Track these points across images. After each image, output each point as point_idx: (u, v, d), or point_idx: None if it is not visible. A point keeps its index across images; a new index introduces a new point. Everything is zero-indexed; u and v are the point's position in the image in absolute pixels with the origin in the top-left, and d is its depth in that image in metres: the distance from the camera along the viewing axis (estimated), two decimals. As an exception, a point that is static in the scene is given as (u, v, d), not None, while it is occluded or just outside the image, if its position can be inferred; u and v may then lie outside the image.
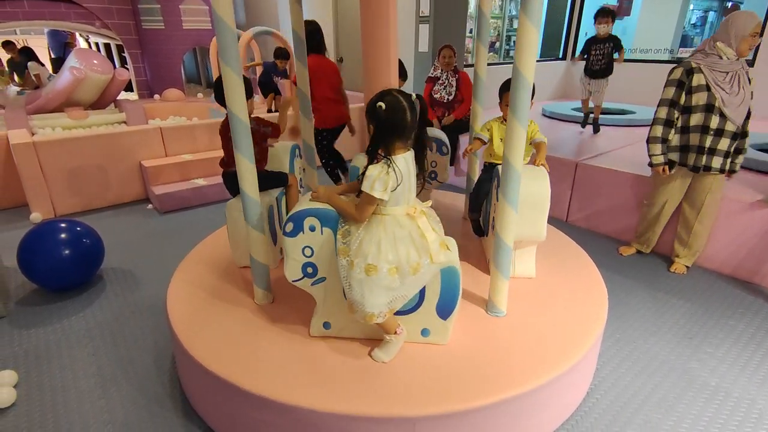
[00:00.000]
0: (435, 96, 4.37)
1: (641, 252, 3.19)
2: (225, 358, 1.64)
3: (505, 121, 2.10)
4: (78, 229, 2.72)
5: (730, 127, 2.59)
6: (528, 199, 1.90)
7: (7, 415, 1.86)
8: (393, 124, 1.44)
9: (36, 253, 2.57)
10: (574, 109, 5.67)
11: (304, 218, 1.60)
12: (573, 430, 1.77)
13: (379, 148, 1.48)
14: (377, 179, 1.42)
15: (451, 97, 4.31)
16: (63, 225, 2.70)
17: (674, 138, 2.75)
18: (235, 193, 2.16)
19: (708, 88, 2.56)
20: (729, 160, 2.68)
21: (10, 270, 2.94)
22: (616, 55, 4.45)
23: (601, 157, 3.71)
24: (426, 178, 1.69)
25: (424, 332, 1.71)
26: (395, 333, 1.62)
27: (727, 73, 2.54)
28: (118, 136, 4.14)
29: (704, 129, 2.63)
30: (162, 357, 2.18)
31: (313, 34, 3.39)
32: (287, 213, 2.11)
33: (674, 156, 2.78)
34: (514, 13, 7.55)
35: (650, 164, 2.81)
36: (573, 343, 1.72)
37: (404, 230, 1.50)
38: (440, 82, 4.34)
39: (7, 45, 6.77)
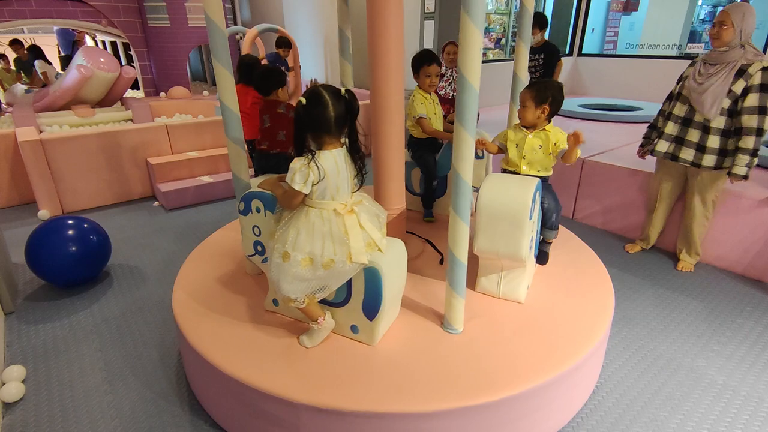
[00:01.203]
0: (440, 93, 4.35)
1: (645, 249, 3.17)
2: (229, 353, 1.65)
3: (522, 127, 2.04)
4: (85, 225, 2.74)
5: (698, 117, 2.59)
6: (502, 212, 1.75)
7: (16, 409, 1.89)
8: (312, 119, 1.45)
9: (44, 249, 2.59)
10: (581, 106, 5.63)
11: (251, 199, 1.77)
12: (578, 428, 1.76)
13: (303, 142, 1.49)
14: (297, 172, 1.45)
15: (455, 94, 4.29)
16: (70, 222, 2.72)
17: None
18: (261, 171, 2.47)
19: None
20: (712, 157, 2.58)
21: (18, 266, 2.97)
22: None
23: (607, 154, 3.68)
24: (363, 175, 1.62)
25: (353, 329, 1.71)
26: (316, 321, 1.65)
27: (716, 64, 2.53)
28: (124, 133, 4.17)
29: (669, 115, 2.74)
30: (168, 352, 2.19)
31: (248, 67, 3.42)
32: None
33: (662, 146, 2.82)
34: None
35: None
36: (579, 341, 1.71)
37: (326, 225, 1.51)
38: (445, 78, 4.32)
39: (15, 43, 6.81)
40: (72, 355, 2.20)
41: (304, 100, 1.44)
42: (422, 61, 2.47)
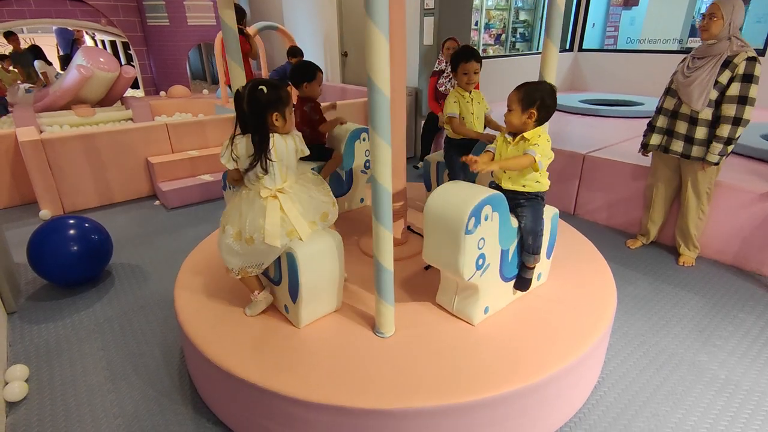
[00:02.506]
0: (440, 89, 4.35)
1: (646, 244, 3.17)
2: (231, 351, 1.65)
3: (508, 135, 1.81)
4: (86, 225, 2.75)
5: (685, 109, 2.64)
6: (442, 222, 1.63)
7: (19, 408, 1.89)
8: (235, 110, 1.65)
9: (45, 249, 2.60)
10: (581, 101, 5.62)
11: (225, 177, 2.00)
12: (580, 424, 1.76)
13: (237, 128, 1.69)
14: (224, 149, 1.68)
15: (456, 90, 4.28)
16: (72, 221, 2.72)
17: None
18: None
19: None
20: (701, 148, 2.62)
21: (20, 266, 2.97)
22: None
23: (608, 149, 3.68)
24: (262, 164, 1.65)
25: (286, 308, 1.82)
26: (253, 294, 1.82)
27: (704, 57, 2.56)
28: (124, 132, 4.17)
29: (660, 109, 2.79)
30: (171, 350, 2.20)
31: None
32: None
33: (655, 139, 2.87)
34: (519, 4, 7.48)
35: None
36: (581, 336, 1.71)
37: (252, 205, 1.68)
38: (445, 75, 4.31)
39: (10, 36, 6.71)
40: (74, 354, 2.21)
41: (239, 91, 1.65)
42: (460, 57, 2.35)
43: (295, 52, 5.29)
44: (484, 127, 2.53)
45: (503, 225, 1.71)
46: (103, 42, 9.79)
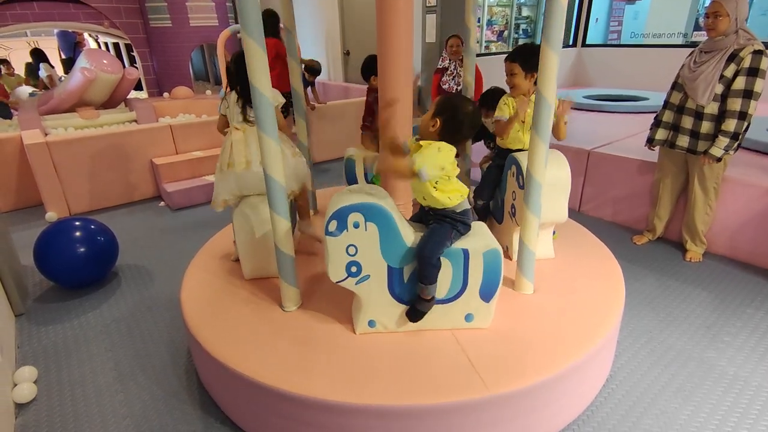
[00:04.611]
0: (444, 87, 4.33)
1: (653, 240, 3.15)
2: (238, 350, 1.66)
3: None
4: (92, 227, 2.76)
5: (691, 104, 2.62)
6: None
7: (29, 410, 1.91)
8: (227, 72, 2.09)
9: (52, 251, 2.61)
10: (586, 97, 5.59)
11: None
12: (588, 421, 1.76)
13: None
14: (220, 101, 2.17)
15: (459, 88, 4.26)
16: (77, 223, 2.74)
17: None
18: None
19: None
20: (707, 143, 2.59)
21: (27, 268, 2.99)
22: None
23: (614, 145, 3.66)
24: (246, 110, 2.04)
25: None
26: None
27: (711, 52, 2.53)
28: (129, 134, 4.18)
29: (667, 104, 2.78)
30: (178, 351, 2.21)
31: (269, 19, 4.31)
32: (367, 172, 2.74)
33: (661, 134, 2.85)
34: (522, 0, 7.44)
35: None
36: (589, 333, 1.70)
37: (229, 138, 2.09)
38: (449, 72, 4.29)
39: (3, 63, 6.75)
40: (82, 356, 2.22)
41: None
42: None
43: (313, 70, 5.10)
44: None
45: (387, 239, 1.57)
46: (106, 44, 9.82)
